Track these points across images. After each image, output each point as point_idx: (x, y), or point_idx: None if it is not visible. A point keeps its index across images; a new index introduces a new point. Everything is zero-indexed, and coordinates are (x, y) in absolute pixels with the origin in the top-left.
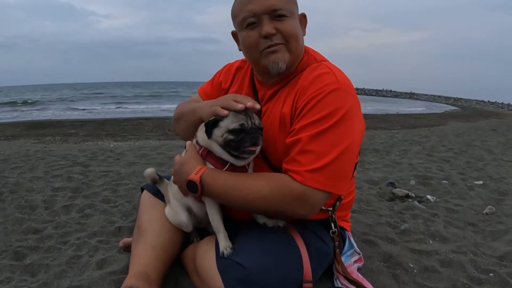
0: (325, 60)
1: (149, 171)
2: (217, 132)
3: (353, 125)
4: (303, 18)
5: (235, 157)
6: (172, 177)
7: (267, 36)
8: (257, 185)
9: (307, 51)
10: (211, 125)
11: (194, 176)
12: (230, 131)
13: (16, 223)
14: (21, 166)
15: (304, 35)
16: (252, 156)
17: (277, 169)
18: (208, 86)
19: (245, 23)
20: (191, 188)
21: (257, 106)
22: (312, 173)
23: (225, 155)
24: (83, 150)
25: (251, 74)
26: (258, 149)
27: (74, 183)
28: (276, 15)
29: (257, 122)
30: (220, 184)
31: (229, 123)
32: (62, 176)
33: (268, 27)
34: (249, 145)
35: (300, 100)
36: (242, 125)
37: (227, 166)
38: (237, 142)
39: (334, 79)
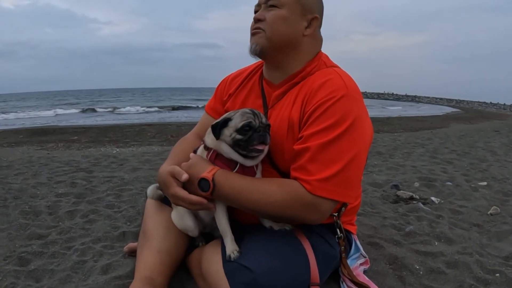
0: (335, 66)
1: (152, 191)
2: (226, 132)
3: (362, 132)
4: (312, 19)
5: (244, 156)
6: None
7: (255, 20)
8: (269, 190)
9: (319, 56)
10: (221, 126)
11: (207, 174)
12: (238, 130)
13: (20, 229)
14: (24, 172)
15: (306, 35)
16: (261, 156)
17: (284, 173)
18: (212, 101)
19: (254, 10)
20: (202, 186)
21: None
22: (321, 182)
23: (234, 155)
24: (86, 156)
25: (260, 76)
26: (266, 148)
27: (78, 188)
28: (269, 5)
29: (263, 120)
30: (232, 185)
31: (237, 122)
32: (66, 182)
33: (259, 13)
34: (257, 143)
35: (309, 104)
36: (249, 123)
37: (236, 168)
38: (245, 141)
39: (342, 85)
